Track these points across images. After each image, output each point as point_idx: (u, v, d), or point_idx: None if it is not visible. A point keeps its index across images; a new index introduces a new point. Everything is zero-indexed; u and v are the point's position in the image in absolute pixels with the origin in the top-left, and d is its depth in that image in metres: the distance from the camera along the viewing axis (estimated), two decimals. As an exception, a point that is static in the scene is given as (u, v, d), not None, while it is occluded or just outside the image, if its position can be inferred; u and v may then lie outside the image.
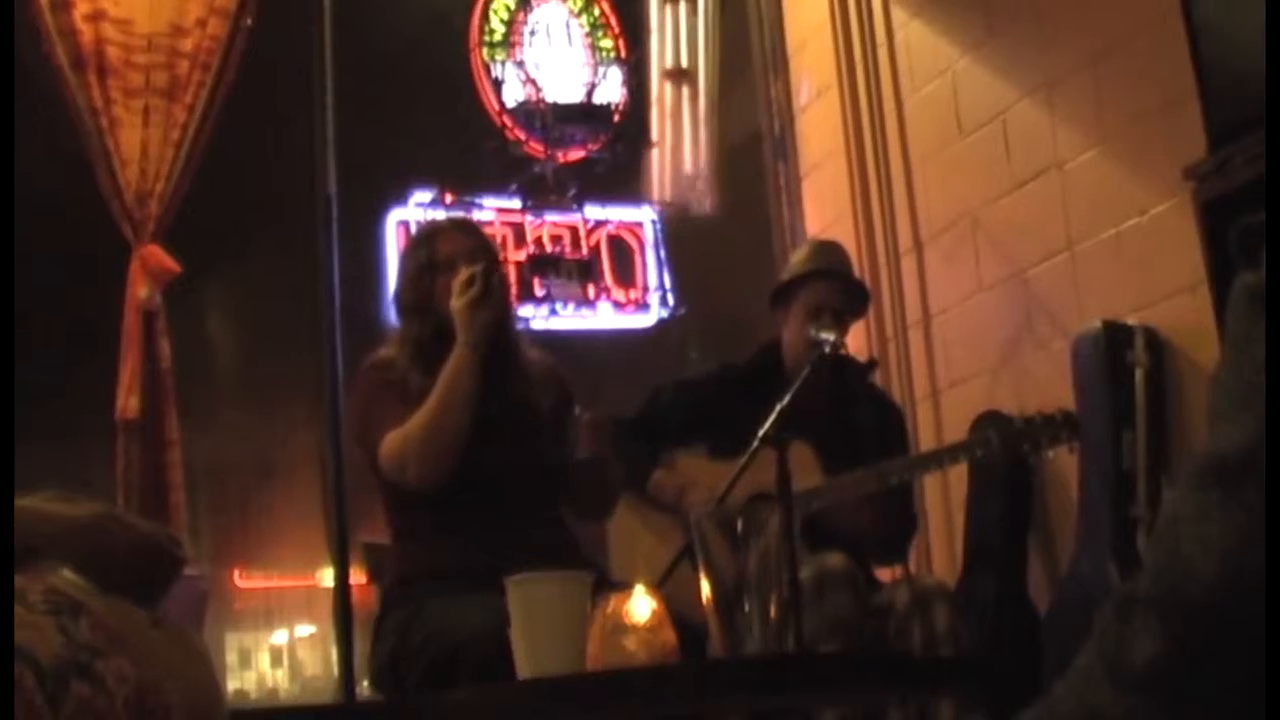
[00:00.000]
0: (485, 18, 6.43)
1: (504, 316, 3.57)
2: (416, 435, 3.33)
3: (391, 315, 3.74)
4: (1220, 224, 4.04)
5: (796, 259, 4.35)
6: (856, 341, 4.96)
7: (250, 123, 5.65)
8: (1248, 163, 3.87)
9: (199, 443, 5.57)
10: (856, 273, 4.62)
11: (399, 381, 3.48)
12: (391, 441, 3.36)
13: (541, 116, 6.26)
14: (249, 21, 5.42)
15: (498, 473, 3.41)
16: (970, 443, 4.12)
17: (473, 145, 6.24)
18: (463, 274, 3.43)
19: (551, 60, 6.48)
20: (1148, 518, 4.31)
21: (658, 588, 2.65)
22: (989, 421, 4.63)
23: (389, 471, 3.38)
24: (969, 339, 5.27)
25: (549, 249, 5.98)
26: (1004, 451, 3.93)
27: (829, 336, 3.93)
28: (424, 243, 3.66)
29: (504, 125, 6.25)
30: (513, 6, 6.50)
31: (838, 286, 4.25)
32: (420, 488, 3.36)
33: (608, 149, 6.42)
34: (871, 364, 4.58)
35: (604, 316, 6.15)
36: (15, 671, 0.90)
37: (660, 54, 6.71)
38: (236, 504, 6.72)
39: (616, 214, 6.31)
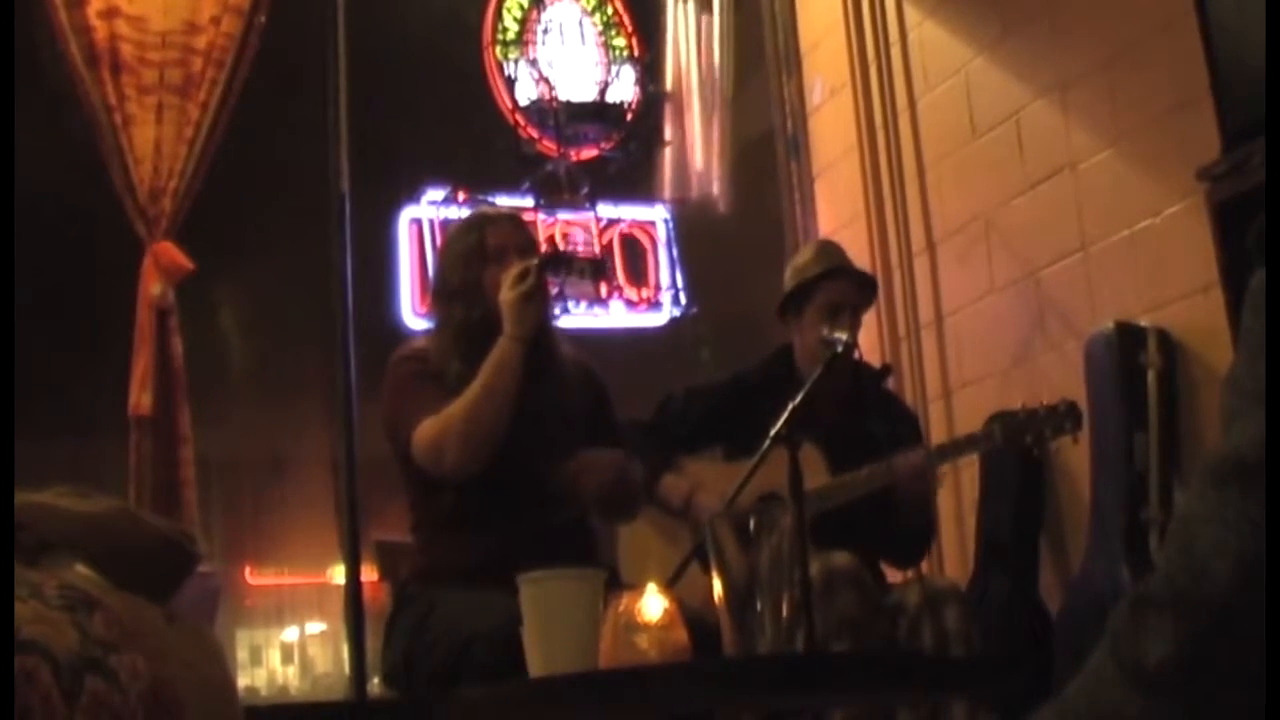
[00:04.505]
0: (498, 16, 6.43)
1: (545, 314, 3.57)
2: (457, 422, 3.32)
3: (406, 309, 3.72)
4: (1234, 225, 4.03)
5: (803, 263, 4.33)
6: (869, 342, 4.95)
7: (263, 120, 5.65)
8: (1264, 163, 3.87)
9: (211, 439, 5.58)
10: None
11: (435, 372, 3.47)
12: (429, 427, 3.35)
13: (554, 115, 6.26)
14: (263, 19, 5.43)
15: (526, 470, 3.40)
16: (975, 436, 4.12)
17: (485, 143, 6.24)
18: (516, 267, 3.42)
19: (564, 59, 6.48)
20: (1160, 519, 4.31)
21: (669, 588, 2.65)
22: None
23: (424, 458, 3.36)
24: (981, 339, 5.27)
25: (561, 247, 5.98)
26: (1007, 442, 3.92)
27: (842, 336, 3.92)
28: (473, 230, 3.62)
29: (517, 123, 6.25)
30: (526, 5, 6.50)
31: (851, 284, 4.25)
32: (455, 476, 3.35)
33: (620, 148, 6.42)
34: (885, 370, 4.57)
35: (616, 315, 6.15)
36: (31, 665, 0.91)
37: (675, 53, 6.71)
38: (248, 501, 6.73)
39: (629, 213, 6.32)
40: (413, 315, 5.80)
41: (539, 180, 6.14)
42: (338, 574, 6.24)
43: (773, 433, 3.14)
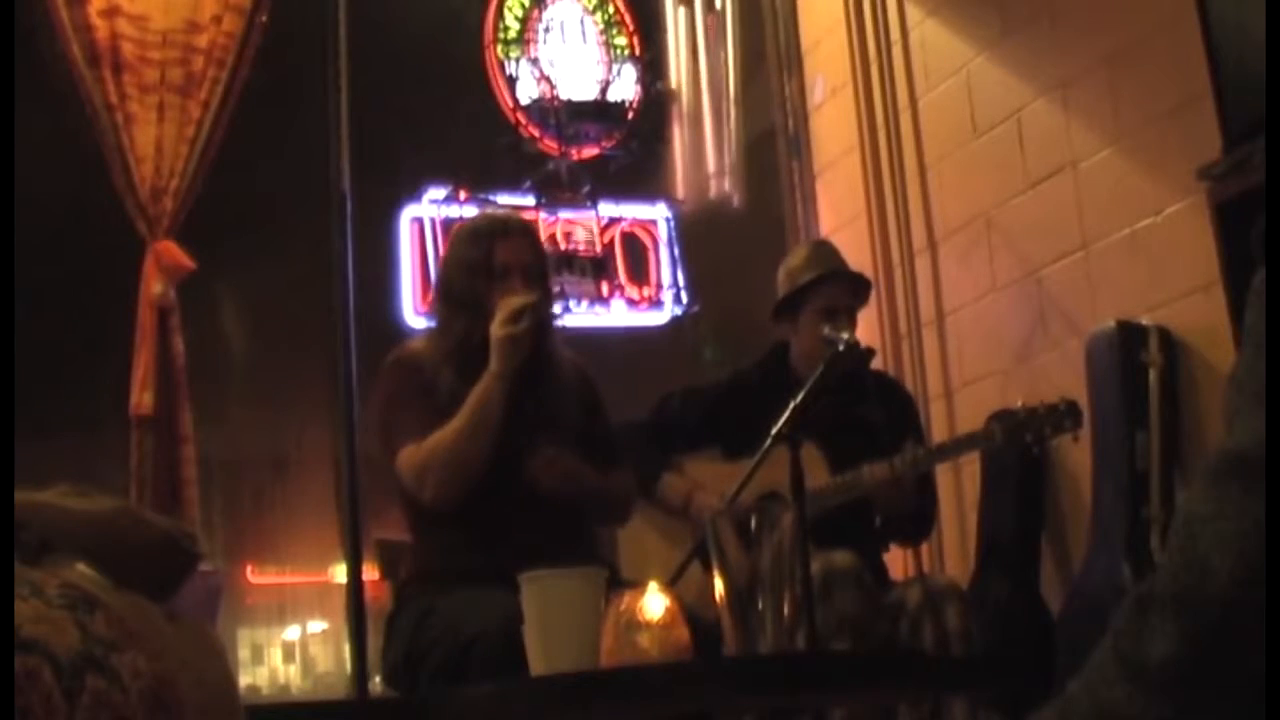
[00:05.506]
0: (500, 15, 6.43)
1: (545, 322, 3.52)
2: (438, 459, 3.32)
3: (407, 308, 3.70)
4: (1235, 224, 4.03)
5: (797, 265, 4.33)
6: (869, 340, 4.95)
7: (264, 119, 5.65)
8: (1265, 162, 3.87)
9: (213, 438, 5.58)
10: (865, 270, 4.63)
11: (426, 382, 3.45)
12: (411, 456, 3.36)
13: (556, 113, 6.26)
14: (264, 18, 5.42)
15: (520, 473, 3.40)
16: (975, 435, 4.12)
17: (487, 142, 6.23)
18: (514, 302, 3.37)
19: (566, 57, 6.48)
20: (1161, 518, 4.31)
21: (670, 587, 2.65)
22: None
23: (406, 483, 3.39)
24: (983, 338, 5.27)
25: (563, 246, 5.98)
26: (1008, 441, 3.93)
27: (844, 335, 3.92)
28: (482, 241, 3.55)
29: (518, 122, 6.25)
30: (527, 4, 6.49)
31: (844, 286, 4.26)
32: (434, 506, 3.36)
33: (622, 146, 6.41)
34: (869, 352, 4.56)
35: (617, 314, 6.15)
36: (32, 665, 0.91)
37: (677, 52, 6.70)
38: (250, 500, 6.72)
39: (630, 211, 6.31)
40: (414, 314, 5.79)
41: (540, 179, 6.14)
42: (339, 573, 6.24)
43: (774, 431, 3.14)
